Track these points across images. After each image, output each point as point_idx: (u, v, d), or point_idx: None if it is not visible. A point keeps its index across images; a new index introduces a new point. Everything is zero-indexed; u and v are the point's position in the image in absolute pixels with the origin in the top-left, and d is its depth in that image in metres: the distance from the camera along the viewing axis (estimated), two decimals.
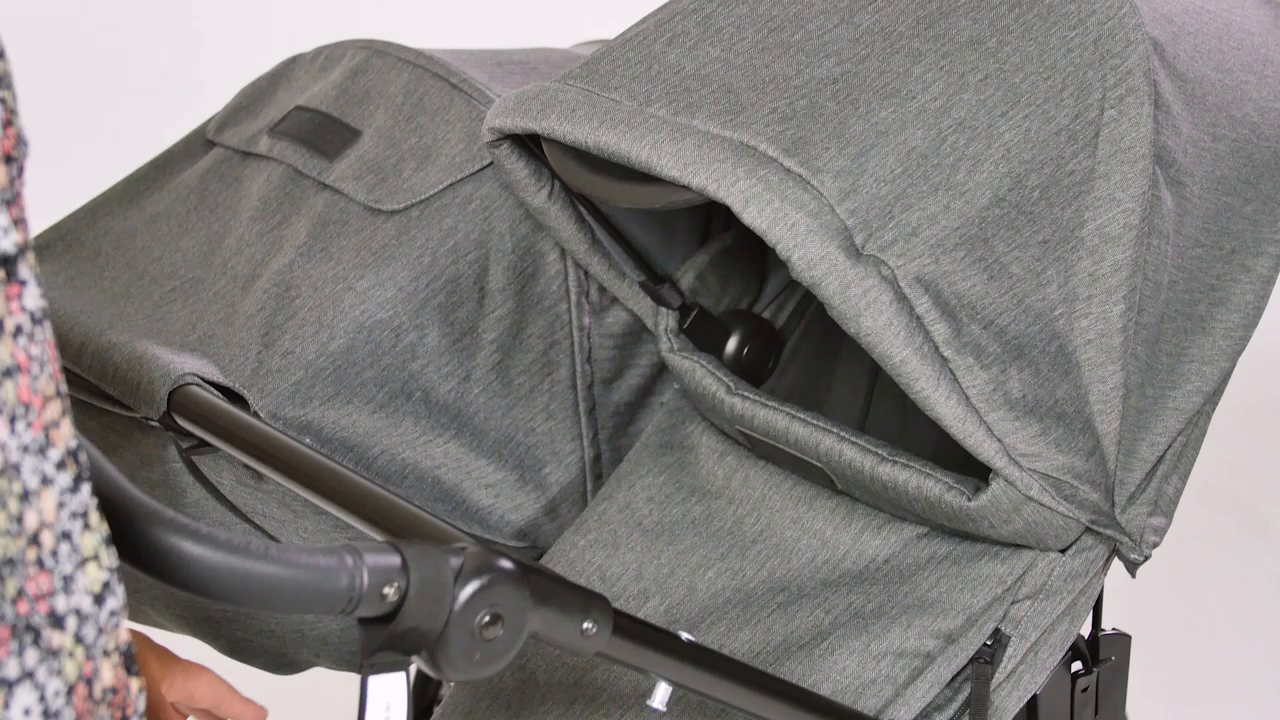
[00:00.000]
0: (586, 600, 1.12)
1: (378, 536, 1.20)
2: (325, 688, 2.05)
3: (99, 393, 1.52)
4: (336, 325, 1.55)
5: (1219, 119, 1.49)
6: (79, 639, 0.78)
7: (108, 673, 0.81)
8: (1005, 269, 1.35)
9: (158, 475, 1.52)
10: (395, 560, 0.98)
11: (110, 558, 0.81)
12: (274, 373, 1.51)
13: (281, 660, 1.65)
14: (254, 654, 1.63)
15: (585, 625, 1.12)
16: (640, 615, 1.40)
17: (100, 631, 0.80)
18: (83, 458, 0.79)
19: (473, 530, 1.65)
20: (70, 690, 0.77)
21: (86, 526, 0.79)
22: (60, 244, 1.73)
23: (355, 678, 1.05)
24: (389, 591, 0.98)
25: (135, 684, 0.84)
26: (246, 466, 1.50)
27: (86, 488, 0.79)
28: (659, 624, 1.32)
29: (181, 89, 3.96)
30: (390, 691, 1.02)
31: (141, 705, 0.85)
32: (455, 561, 1.02)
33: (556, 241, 1.65)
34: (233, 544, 0.91)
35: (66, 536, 0.77)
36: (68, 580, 0.77)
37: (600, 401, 1.73)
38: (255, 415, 1.49)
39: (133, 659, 0.84)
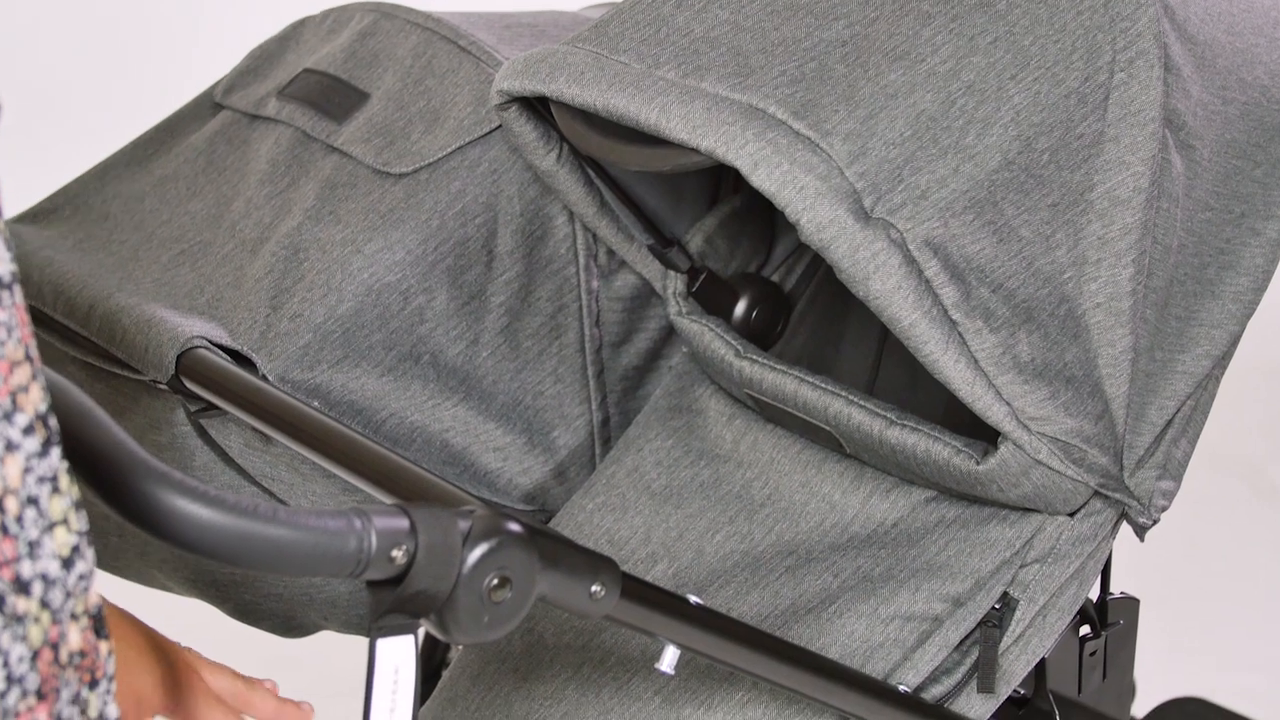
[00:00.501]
0: (595, 563, 1.12)
1: (386, 500, 1.20)
2: (334, 651, 2.06)
3: (107, 355, 1.52)
4: (345, 288, 1.54)
5: (1229, 82, 1.49)
6: (45, 604, 0.77)
7: (75, 636, 0.80)
8: (1014, 232, 1.35)
9: (166, 438, 1.52)
10: (403, 523, 0.98)
11: (80, 521, 0.80)
12: (282, 336, 1.51)
13: (290, 623, 1.65)
14: (262, 617, 1.63)
15: (593, 588, 1.12)
16: (648, 579, 1.41)
17: (69, 595, 0.79)
18: (53, 422, 0.78)
19: (481, 493, 1.65)
20: (35, 655, 0.77)
21: (56, 490, 0.78)
22: (68, 207, 1.72)
23: (364, 641, 1.05)
24: (397, 554, 0.98)
25: (104, 647, 0.83)
26: (255, 430, 1.50)
27: (56, 451, 0.78)
28: (667, 587, 1.32)
29: (186, 55, 3.95)
30: (399, 654, 1.02)
31: (111, 668, 0.84)
32: (463, 524, 1.02)
33: (565, 205, 1.64)
34: (241, 506, 0.91)
35: (33, 501, 0.77)
36: (33, 545, 0.77)
37: (608, 365, 1.73)
38: (263, 378, 1.49)
39: (102, 621, 0.83)
